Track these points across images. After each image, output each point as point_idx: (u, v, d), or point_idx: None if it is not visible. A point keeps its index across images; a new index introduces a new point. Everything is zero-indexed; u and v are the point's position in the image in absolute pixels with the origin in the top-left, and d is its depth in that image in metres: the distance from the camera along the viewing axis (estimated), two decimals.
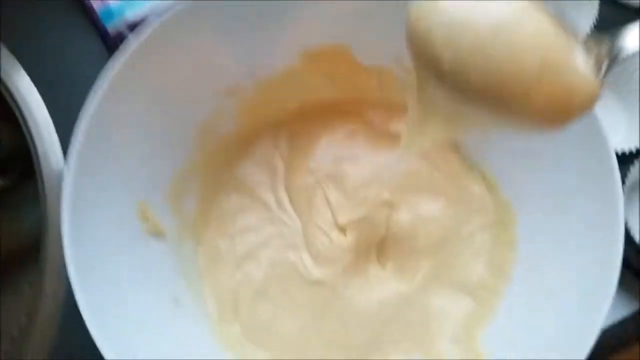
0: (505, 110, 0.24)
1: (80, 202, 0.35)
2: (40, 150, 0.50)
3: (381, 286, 0.45)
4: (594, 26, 0.51)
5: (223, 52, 0.41)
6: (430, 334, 0.43)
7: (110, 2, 0.50)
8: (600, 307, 0.35)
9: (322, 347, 0.43)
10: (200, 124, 0.45)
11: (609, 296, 0.34)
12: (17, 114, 0.51)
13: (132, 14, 0.49)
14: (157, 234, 0.41)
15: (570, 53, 0.23)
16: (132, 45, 0.37)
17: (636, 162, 0.47)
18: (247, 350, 0.43)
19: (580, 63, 0.23)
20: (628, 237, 0.46)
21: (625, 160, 0.48)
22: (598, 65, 0.25)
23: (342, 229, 0.46)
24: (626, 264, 0.48)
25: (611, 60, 0.25)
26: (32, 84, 0.52)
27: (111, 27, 0.49)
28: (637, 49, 0.26)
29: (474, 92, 0.24)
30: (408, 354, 0.43)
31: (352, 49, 0.45)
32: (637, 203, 0.51)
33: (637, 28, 0.26)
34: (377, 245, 0.47)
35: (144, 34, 0.37)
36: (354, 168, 0.48)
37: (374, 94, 0.48)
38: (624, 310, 0.48)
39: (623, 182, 0.46)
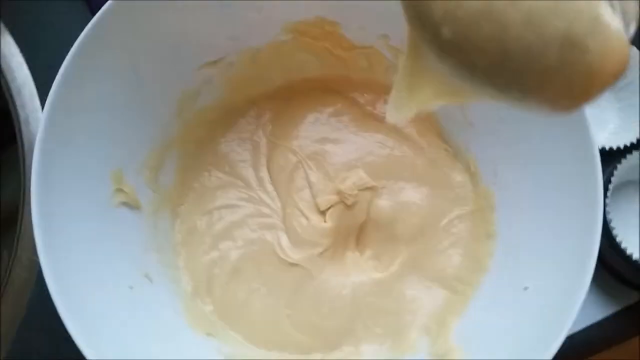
0: (513, 93, 0.20)
1: (50, 168, 0.34)
2: (21, 115, 0.50)
3: (357, 272, 0.45)
4: None
5: (206, 20, 0.40)
6: (403, 322, 0.43)
7: None
8: (573, 302, 0.34)
9: (294, 330, 0.43)
10: (182, 93, 0.44)
11: (583, 291, 0.34)
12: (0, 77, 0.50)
13: None
14: (132, 205, 0.41)
15: (599, 19, 0.18)
16: (110, 6, 0.35)
17: (623, 161, 0.47)
18: (218, 330, 0.42)
19: (611, 30, 0.19)
20: (610, 239, 0.45)
21: (613, 156, 0.47)
22: (626, 22, 0.20)
23: (322, 213, 0.46)
24: (608, 267, 0.48)
25: None
26: (15, 46, 0.51)
27: None
28: None
29: (477, 71, 0.20)
30: (380, 341, 0.43)
31: (342, 26, 0.44)
32: (622, 203, 0.50)
33: None
34: (357, 231, 0.46)
35: None
36: (337, 149, 0.47)
37: (362, 74, 0.47)
38: (603, 312, 0.48)
39: (609, 180, 0.46)
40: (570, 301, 0.34)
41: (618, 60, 0.19)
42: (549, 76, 0.19)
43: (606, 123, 0.52)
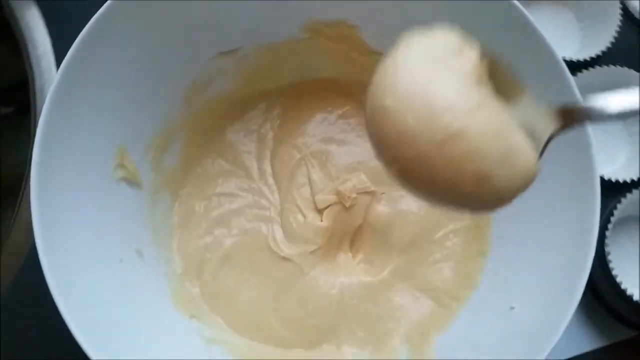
0: (442, 206, 0.27)
1: (55, 135, 0.35)
2: (37, 84, 0.51)
3: (347, 274, 0.45)
4: (612, 44, 0.50)
5: (225, 10, 0.40)
6: (386, 329, 0.43)
7: None
8: (556, 329, 0.34)
9: (278, 323, 0.43)
10: (195, 80, 0.44)
11: (566, 319, 0.34)
12: (21, 44, 0.51)
13: None
14: (132, 182, 0.41)
15: (510, 152, 0.24)
16: None
17: (629, 195, 0.46)
18: (202, 313, 0.43)
19: (519, 159, 0.25)
20: (607, 272, 0.45)
21: (620, 189, 0.47)
22: (543, 140, 0.26)
23: (320, 212, 0.46)
24: (602, 300, 0.47)
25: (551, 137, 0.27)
26: (41, 18, 0.52)
27: None
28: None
29: (413, 191, 0.27)
30: (361, 344, 0.43)
31: (361, 30, 0.44)
32: (623, 238, 0.49)
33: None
34: (352, 234, 0.47)
35: None
36: (341, 151, 0.47)
37: None
38: (591, 345, 0.47)
39: (612, 212, 0.46)
40: (553, 327, 0.34)
41: (524, 180, 0.25)
42: (468, 197, 0.25)
43: (617, 155, 0.51)
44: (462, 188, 0.24)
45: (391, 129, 0.25)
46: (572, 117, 0.26)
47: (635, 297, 0.44)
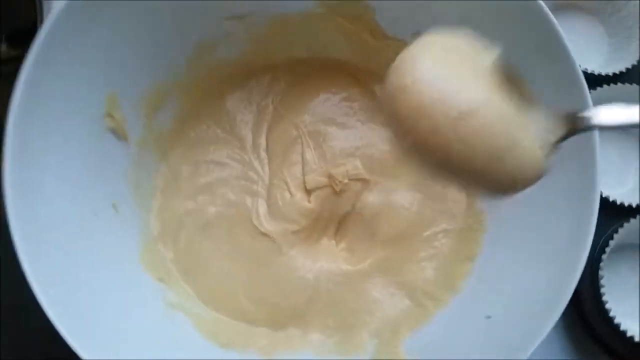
0: (456, 180, 0.29)
1: (43, 75, 0.33)
2: None
3: (327, 260, 0.44)
4: (638, 62, 0.48)
5: None
6: (358, 321, 0.42)
7: None
8: (528, 345, 0.33)
9: (246, 299, 0.42)
10: (202, 39, 0.43)
11: (539, 338, 0.32)
12: None
13: None
14: (119, 135, 0.40)
15: (516, 144, 0.26)
16: None
17: (632, 220, 0.44)
18: (171, 278, 0.42)
19: (526, 150, 0.26)
20: (597, 297, 0.43)
21: (624, 213, 0.45)
22: (550, 142, 0.28)
23: (308, 193, 0.45)
24: (590, 327, 0.46)
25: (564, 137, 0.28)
26: None
27: None
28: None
29: (429, 165, 0.27)
30: (330, 333, 0.42)
31: (377, 12, 0.42)
32: (622, 266, 0.47)
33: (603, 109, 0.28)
34: (339, 220, 0.45)
35: None
36: (340, 134, 0.46)
37: (385, 66, 0.45)
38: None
39: (611, 237, 0.44)
40: (526, 343, 0.33)
41: (533, 171, 0.27)
42: (478, 174, 0.26)
43: (627, 180, 0.50)
44: (473, 163, 0.26)
45: (408, 104, 0.26)
46: (577, 124, 0.28)
47: (622, 327, 0.43)
